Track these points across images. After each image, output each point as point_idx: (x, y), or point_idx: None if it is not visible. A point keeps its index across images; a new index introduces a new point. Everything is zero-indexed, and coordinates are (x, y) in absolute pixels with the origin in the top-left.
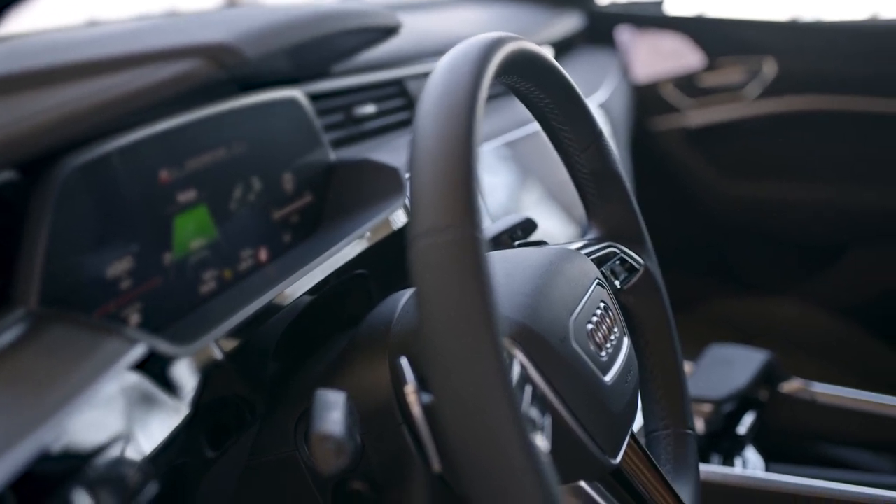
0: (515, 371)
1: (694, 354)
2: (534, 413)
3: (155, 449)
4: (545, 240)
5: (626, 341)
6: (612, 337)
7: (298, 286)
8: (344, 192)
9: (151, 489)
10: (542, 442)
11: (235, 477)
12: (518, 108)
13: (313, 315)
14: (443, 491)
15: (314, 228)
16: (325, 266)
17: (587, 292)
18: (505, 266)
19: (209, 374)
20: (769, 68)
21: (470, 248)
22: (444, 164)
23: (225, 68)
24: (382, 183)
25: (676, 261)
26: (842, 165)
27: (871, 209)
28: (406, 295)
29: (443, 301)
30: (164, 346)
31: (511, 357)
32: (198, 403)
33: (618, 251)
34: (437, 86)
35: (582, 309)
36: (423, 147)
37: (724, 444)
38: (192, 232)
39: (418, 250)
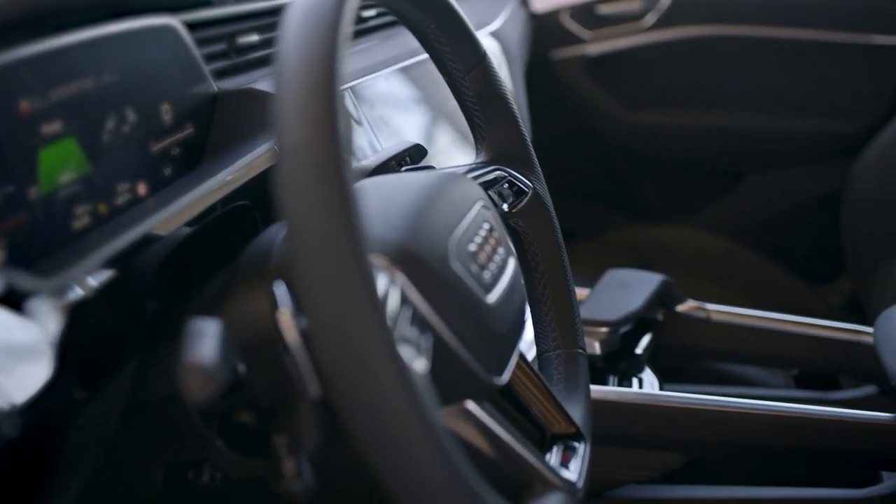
0: (395, 292)
1: (594, 281)
2: (413, 333)
3: (16, 392)
4: (436, 166)
5: (511, 262)
6: (497, 257)
7: (177, 218)
8: (228, 123)
9: (13, 434)
10: (421, 362)
11: (114, 417)
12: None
13: (195, 248)
14: (329, 417)
15: (197, 161)
16: (206, 197)
17: (469, 213)
18: (388, 189)
19: (78, 309)
20: None
21: (330, 167)
22: (303, 81)
23: None
24: (268, 113)
25: (577, 189)
26: (739, 93)
27: (767, 135)
28: None
29: (303, 221)
30: (23, 280)
31: (380, 277)
32: (65, 341)
33: (505, 174)
34: (301, 2)
35: (464, 230)
36: (284, 67)
37: (621, 366)
38: (60, 165)
39: (279, 170)
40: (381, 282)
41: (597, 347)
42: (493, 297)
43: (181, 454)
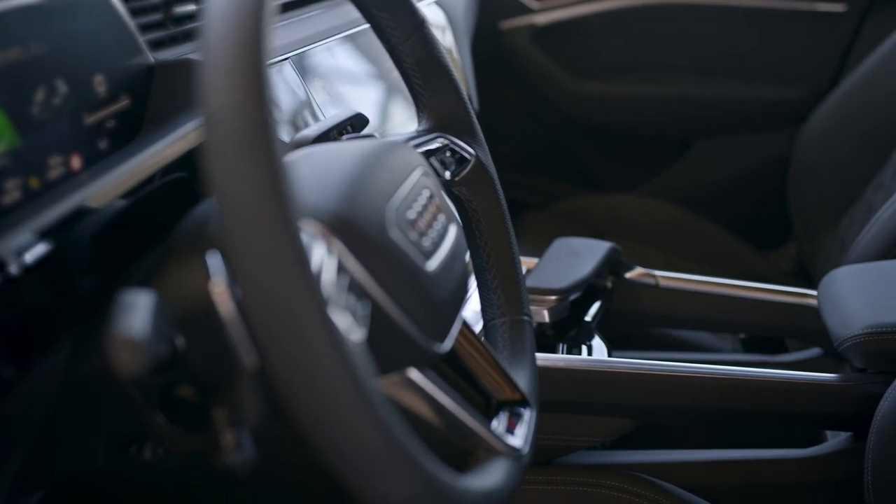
0: (332, 260)
1: (544, 250)
2: (351, 301)
3: None
4: (379, 135)
5: (452, 229)
6: (437, 225)
7: (112, 190)
8: (167, 94)
9: None
10: (358, 330)
11: (51, 395)
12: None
13: (132, 221)
14: (269, 388)
15: (135, 133)
16: (141, 169)
17: (408, 181)
18: (325, 158)
19: (8, 286)
20: None
21: (256, 131)
22: (228, 44)
23: None
24: None
25: (527, 160)
26: (686, 61)
27: (714, 103)
28: None
29: (229, 187)
30: None
31: (316, 244)
32: None
33: (448, 142)
34: None
35: (402, 197)
36: (209, 31)
37: (570, 333)
38: None
39: (205, 136)
40: (317, 250)
41: (546, 316)
42: (433, 265)
43: (121, 430)
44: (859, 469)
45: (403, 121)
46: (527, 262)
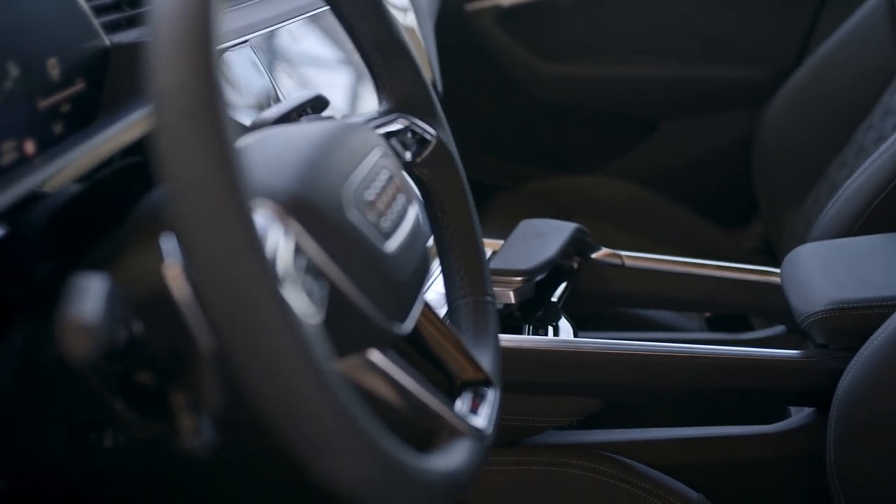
0: (289, 241)
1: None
2: (307, 282)
3: None
4: (339, 117)
5: (412, 210)
6: (396, 205)
7: (66, 174)
8: (124, 77)
9: None
10: (314, 310)
11: (5, 383)
12: None
13: (88, 206)
14: (228, 371)
15: (91, 117)
16: (96, 153)
17: (366, 161)
18: (283, 139)
19: None
20: None
21: (203, 108)
22: (176, 20)
23: None
24: None
25: (494, 142)
26: (651, 42)
27: (680, 84)
28: None
29: (177, 165)
30: None
31: (273, 225)
32: None
33: (408, 122)
34: None
35: (361, 178)
36: (157, 8)
37: (537, 314)
38: None
39: (153, 114)
40: (274, 231)
41: (512, 297)
42: (392, 245)
43: (81, 418)
44: (822, 443)
45: (369, 103)
46: (494, 244)
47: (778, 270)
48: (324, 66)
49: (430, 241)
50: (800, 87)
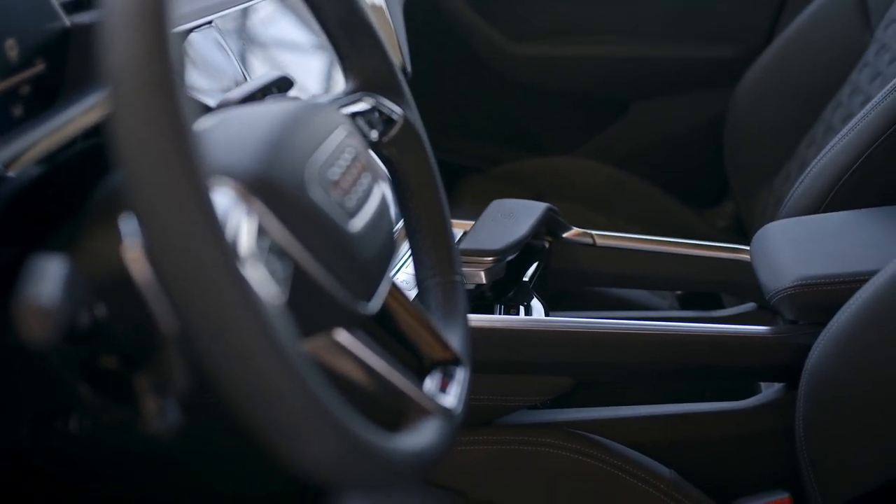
0: (252, 220)
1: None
2: (271, 261)
3: None
4: (304, 97)
5: (377, 189)
6: (361, 184)
7: (25, 158)
8: (86, 58)
9: None
10: (278, 290)
11: None
12: None
13: (49, 190)
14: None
15: (52, 99)
16: (56, 135)
17: (329, 140)
18: (246, 119)
19: None
20: None
21: (158, 85)
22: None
23: None
24: None
25: (465, 123)
26: (621, 22)
27: (651, 64)
28: None
29: (131, 141)
30: None
31: (235, 205)
32: None
33: (375, 102)
34: None
35: (325, 156)
36: None
37: (509, 294)
38: None
39: (107, 92)
40: (236, 210)
41: (483, 277)
42: (357, 224)
43: (45, 404)
44: (792, 418)
45: (339, 84)
46: (465, 225)
47: (748, 248)
48: (291, 47)
49: (400, 222)
50: (769, 66)
